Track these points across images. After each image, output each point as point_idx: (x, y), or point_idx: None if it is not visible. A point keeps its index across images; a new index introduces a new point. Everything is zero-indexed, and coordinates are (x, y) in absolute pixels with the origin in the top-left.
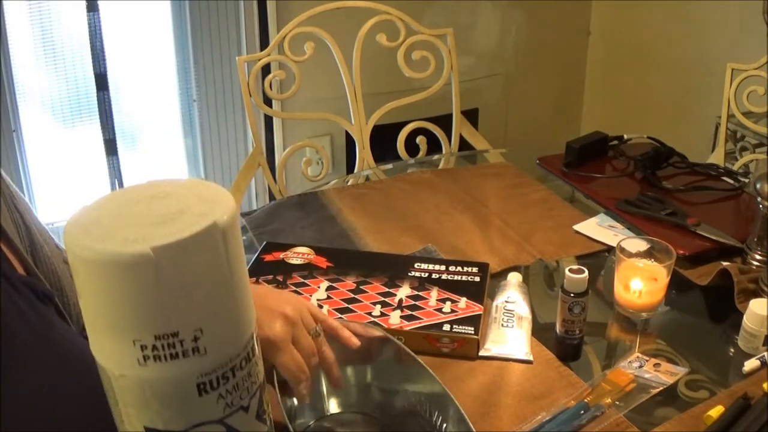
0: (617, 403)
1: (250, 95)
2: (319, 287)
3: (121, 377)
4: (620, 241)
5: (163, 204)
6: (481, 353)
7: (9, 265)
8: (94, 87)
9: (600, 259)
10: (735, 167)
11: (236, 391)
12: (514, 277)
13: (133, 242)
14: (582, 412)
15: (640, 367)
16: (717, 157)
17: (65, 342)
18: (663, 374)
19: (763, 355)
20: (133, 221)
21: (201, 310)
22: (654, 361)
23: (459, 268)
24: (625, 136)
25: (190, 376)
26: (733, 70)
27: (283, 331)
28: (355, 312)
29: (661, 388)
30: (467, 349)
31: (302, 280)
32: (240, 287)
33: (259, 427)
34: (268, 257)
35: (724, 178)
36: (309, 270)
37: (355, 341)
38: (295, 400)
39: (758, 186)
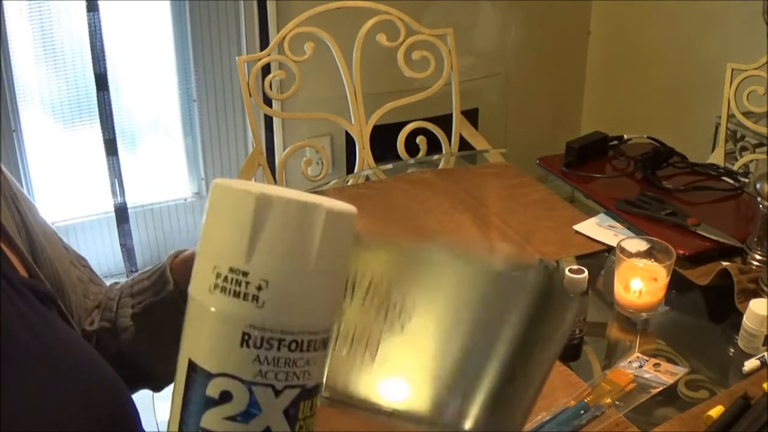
0: (617, 403)
1: (250, 95)
2: None
3: (194, 301)
4: (620, 241)
5: (310, 195)
6: None
7: (10, 266)
8: (94, 87)
9: (600, 259)
10: (735, 167)
11: (275, 365)
12: None
13: (253, 188)
14: (582, 412)
15: (640, 367)
16: (717, 157)
17: (67, 344)
18: (663, 374)
19: (763, 355)
20: (271, 188)
21: (274, 266)
22: (654, 361)
23: None
24: (625, 136)
25: (241, 320)
26: (733, 70)
27: None
28: None
29: (661, 388)
30: None
31: None
32: (324, 276)
33: (283, 426)
34: None
35: (724, 178)
36: None
37: None
38: None
39: (758, 186)
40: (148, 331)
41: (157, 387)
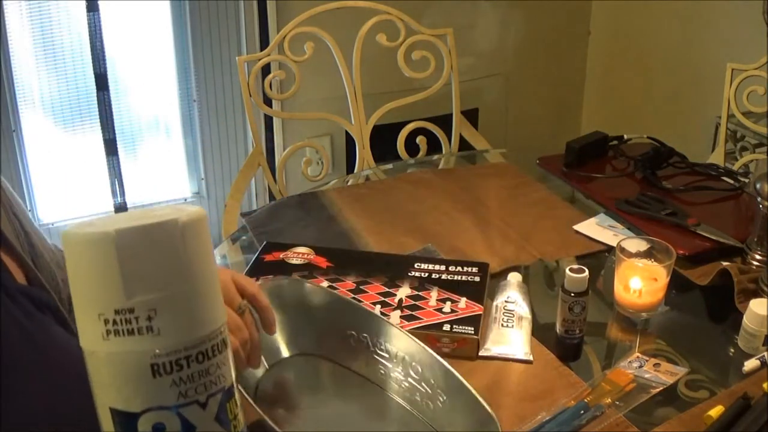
0: (617, 403)
1: (250, 95)
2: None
3: (92, 354)
4: (620, 241)
5: (144, 213)
6: (481, 353)
7: (8, 275)
8: (94, 87)
9: (600, 259)
10: (735, 167)
11: (191, 382)
12: (514, 277)
13: (104, 227)
14: (582, 412)
15: (640, 367)
16: (717, 157)
17: (64, 353)
18: (663, 374)
19: (763, 355)
20: (113, 221)
21: (155, 293)
22: (654, 361)
23: (459, 268)
24: (625, 136)
25: (144, 355)
26: (733, 70)
27: None
28: None
29: (661, 388)
30: (467, 349)
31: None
32: (199, 284)
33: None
34: (268, 257)
35: (724, 178)
36: (309, 270)
37: (274, 330)
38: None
39: (758, 186)
40: None
41: None
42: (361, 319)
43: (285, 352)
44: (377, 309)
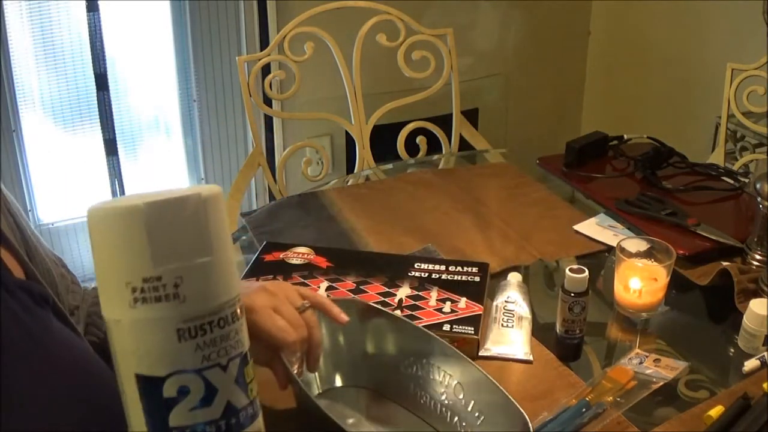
0: (619, 399)
1: (250, 95)
2: (319, 287)
3: (117, 323)
4: (620, 241)
5: (161, 191)
6: (481, 353)
7: (6, 270)
8: (94, 87)
9: (600, 259)
10: (735, 167)
11: (213, 346)
12: (514, 277)
13: (131, 202)
14: (583, 410)
15: (641, 363)
16: (717, 157)
17: (63, 347)
18: (663, 369)
19: (763, 355)
20: (136, 197)
21: (181, 262)
22: (654, 356)
23: (459, 268)
24: (625, 136)
25: (171, 321)
26: (733, 70)
27: (262, 299)
28: None
29: (662, 383)
30: (467, 349)
31: (302, 280)
32: (219, 254)
33: (238, 394)
34: (268, 257)
35: (724, 178)
36: (309, 270)
37: (344, 318)
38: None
39: (758, 186)
40: None
41: None
42: (422, 344)
43: (338, 382)
44: None
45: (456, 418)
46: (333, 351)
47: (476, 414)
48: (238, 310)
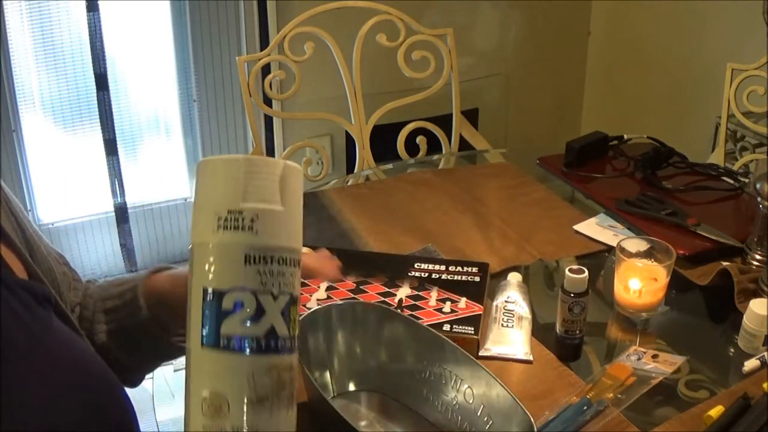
0: (619, 396)
1: (250, 95)
2: (319, 287)
3: (200, 245)
4: (620, 241)
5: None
6: (481, 353)
7: (7, 270)
8: (94, 87)
9: (600, 259)
10: (735, 167)
11: (271, 276)
12: (514, 277)
13: (236, 156)
14: (585, 408)
15: (639, 359)
16: (717, 157)
17: (64, 347)
18: (662, 364)
19: (763, 355)
20: (243, 156)
21: (261, 204)
22: (652, 352)
23: (459, 268)
24: (625, 136)
25: (243, 245)
26: (733, 70)
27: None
28: None
29: (662, 378)
30: (467, 350)
31: (302, 280)
32: (290, 209)
33: (281, 325)
34: None
35: (724, 178)
36: None
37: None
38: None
39: (758, 186)
40: (124, 347)
41: (131, 383)
42: (435, 348)
43: (352, 386)
44: None
45: (466, 423)
46: (347, 355)
47: (485, 419)
48: (296, 262)
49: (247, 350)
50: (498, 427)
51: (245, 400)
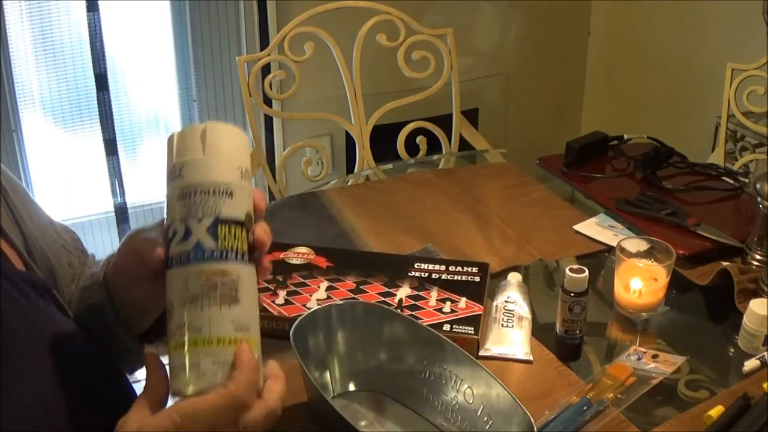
0: (619, 396)
1: (250, 95)
2: (319, 287)
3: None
4: (620, 241)
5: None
6: (481, 353)
7: (7, 262)
8: (94, 87)
9: (600, 259)
10: (735, 167)
11: (195, 205)
12: (514, 277)
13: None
14: (585, 408)
15: (639, 359)
16: (717, 157)
17: (62, 334)
18: (662, 364)
19: (763, 355)
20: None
21: (184, 158)
22: (652, 352)
23: (459, 268)
24: (625, 136)
25: (176, 189)
26: (733, 70)
27: None
28: None
29: (662, 378)
30: (467, 349)
31: (302, 280)
32: (212, 157)
33: (208, 240)
34: (268, 257)
35: (724, 178)
36: (309, 270)
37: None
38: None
39: (758, 186)
40: (92, 327)
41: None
42: (435, 348)
43: (351, 386)
44: None
45: (466, 423)
46: (347, 355)
47: (485, 419)
48: (224, 191)
49: (182, 262)
50: (498, 427)
51: (181, 301)
